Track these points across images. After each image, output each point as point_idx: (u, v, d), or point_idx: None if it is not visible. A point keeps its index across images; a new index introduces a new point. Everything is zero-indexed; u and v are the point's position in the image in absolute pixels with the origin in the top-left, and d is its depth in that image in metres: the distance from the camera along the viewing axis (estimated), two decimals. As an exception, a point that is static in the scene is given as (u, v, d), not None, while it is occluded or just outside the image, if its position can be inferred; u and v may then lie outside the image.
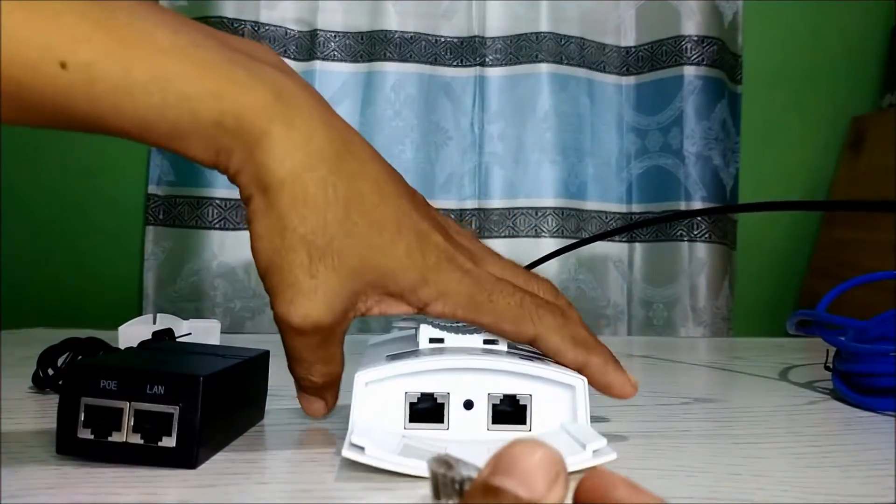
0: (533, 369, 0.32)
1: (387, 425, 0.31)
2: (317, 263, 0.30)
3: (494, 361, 0.31)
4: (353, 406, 0.31)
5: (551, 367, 0.32)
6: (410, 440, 0.31)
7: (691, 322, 1.09)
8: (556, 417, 0.32)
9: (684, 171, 1.09)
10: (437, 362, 0.31)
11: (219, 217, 1.04)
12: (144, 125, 0.27)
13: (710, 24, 1.10)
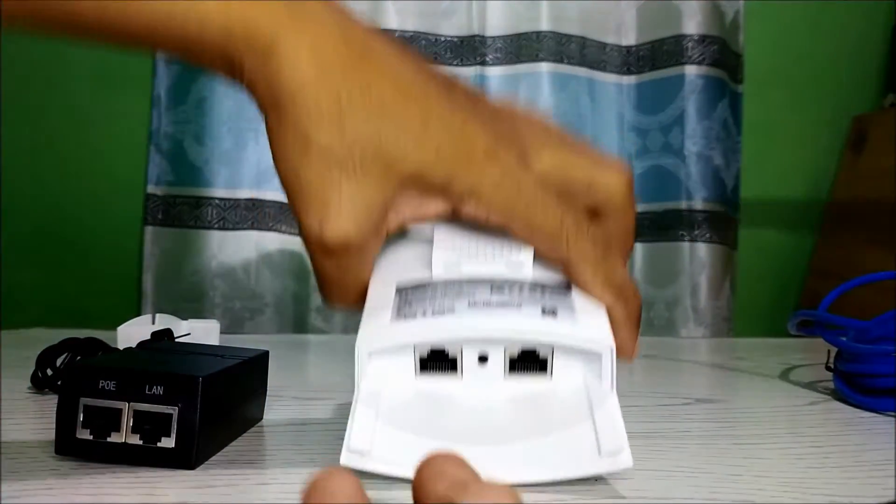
0: (556, 333, 0.28)
1: (394, 383, 0.29)
2: (338, 176, 0.28)
3: (513, 323, 0.28)
4: (358, 383, 0.28)
5: (578, 328, 0.28)
6: (419, 424, 0.28)
7: (692, 322, 1.09)
8: (579, 371, 0.29)
9: (685, 171, 1.08)
10: (449, 327, 0.28)
11: (218, 217, 1.04)
12: (151, 32, 0.26)
13: (711, 23, 1.10)
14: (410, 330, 0.28)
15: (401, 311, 0.29)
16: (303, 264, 1.06)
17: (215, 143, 1.03)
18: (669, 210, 1.10)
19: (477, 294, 0.29)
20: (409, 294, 0.30)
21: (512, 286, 0.29)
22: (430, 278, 0.30)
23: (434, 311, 0.28)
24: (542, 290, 0.30)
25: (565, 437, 0.27)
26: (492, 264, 0.30)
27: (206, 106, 1.03)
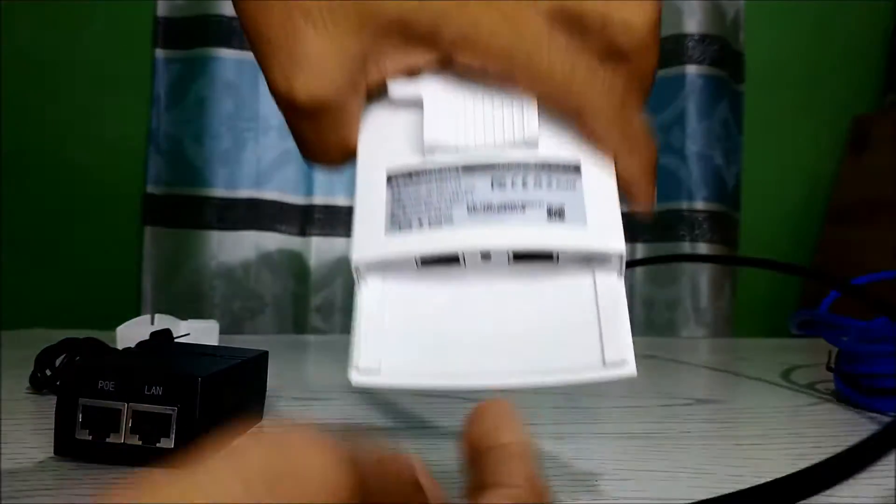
0: (564, 241, 0.26)
1: (394, 287, 0.27)
2: (304, 25, 0.24)
3: (518, 233, 0.26)
4: (358, 296, 0.27)
5: (588, 233, 0.26)
6: (426, 332, 0.26)
7: (693, 323, 1.09)
8: (588, 265, 0.27)
9: (686, 171, 1.08)
10: (449, 240, 0.26)
11: (217, 217, 1.04)
12: None
13: (711, 22, 1.10)
14: (408, 243, 0.26)
15: (395, 217, 0.27)
16: (303, 264, 1.06)
17: (214, 143, 1.02)
18: (670, 210, 1.10)
19: (476, 193, 0.26)
20: (402, 189, 0.27)
21: (515, 174, 0.27)
22: (422, 164, 0.27)
23: (431, 221, 0.26)
24: (548, 176, 0.27)
25: (569, 340, 0.26)
26: (491, 138, 0.27)
27: (206, 106, 1.03)
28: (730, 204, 1.12)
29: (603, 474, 0.30)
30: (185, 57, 1.04)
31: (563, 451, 0.33)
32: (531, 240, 0.26)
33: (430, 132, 0.27)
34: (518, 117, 0.27)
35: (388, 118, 0.28)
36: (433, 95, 0.28)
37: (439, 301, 0.27)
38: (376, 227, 0.26)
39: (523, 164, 0.27)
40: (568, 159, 0.27)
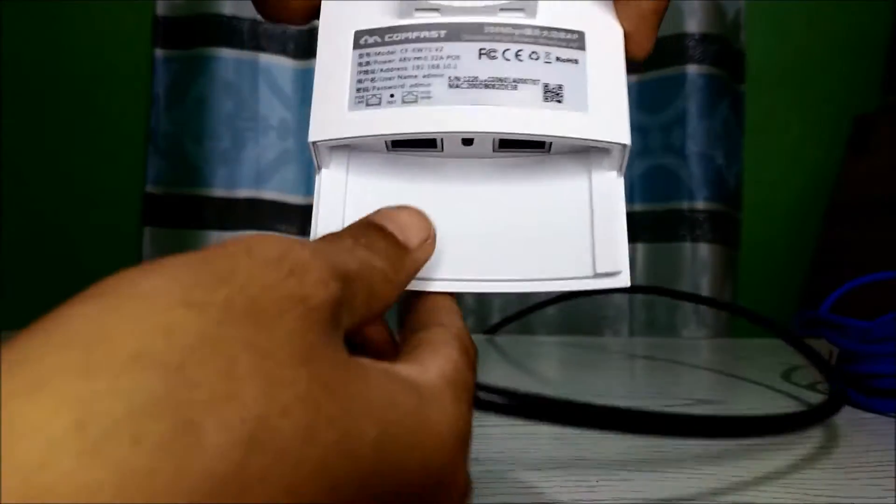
0: (560, 128, 0.22)
1: (361, 170, 0.23)
2: None
3: (506, 118, 0.22)
4: (319, 176, 0.23)
5: (588, 120, 0.22)
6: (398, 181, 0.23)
7: (694, 323, 1.08)
8: (583, 156, 0.24)
9: (687, 171, 1.08)
10: (425, 121, 0.22)
11: (217, 217, 1.03)
12: None
13: (711, 22, 1.09)
14: (375, 122, 0.22)
15: (362, 90, 0.22)
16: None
17: (214, 143, 1.02)
18: (671, 210, 1.09)
19: (461, 64, 0.22)
20: (372, 54, 0.23)
21: (509, 43, 0.23)
22: (397, 23, 0.23)
23: (405, 97, 0.22)
24: (547, 48, 0.23)
25: (559, 246, 0.23)
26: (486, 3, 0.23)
27: (205, 105, 1.02)
28: (731, 203, 1.12)
29: (603, 474, 0.30)
30: (184, 56, 1.04)
31: (563, 451, 0.33)
32: (521, 125, 0.22)
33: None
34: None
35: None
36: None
37: (411, 194, 0.24)
38: (339, 101, 0.22)
39: (518, 31, 0.23)
40: (571, 27, 0.23)
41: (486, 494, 0.27)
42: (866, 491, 0.28)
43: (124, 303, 0.13)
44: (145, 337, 0.12)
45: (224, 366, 0.13)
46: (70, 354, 0.12)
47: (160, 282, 0.13)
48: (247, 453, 0.12)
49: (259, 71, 1.03)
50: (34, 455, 0.10)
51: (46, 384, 0.11)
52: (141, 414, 0.11)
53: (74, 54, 1.08)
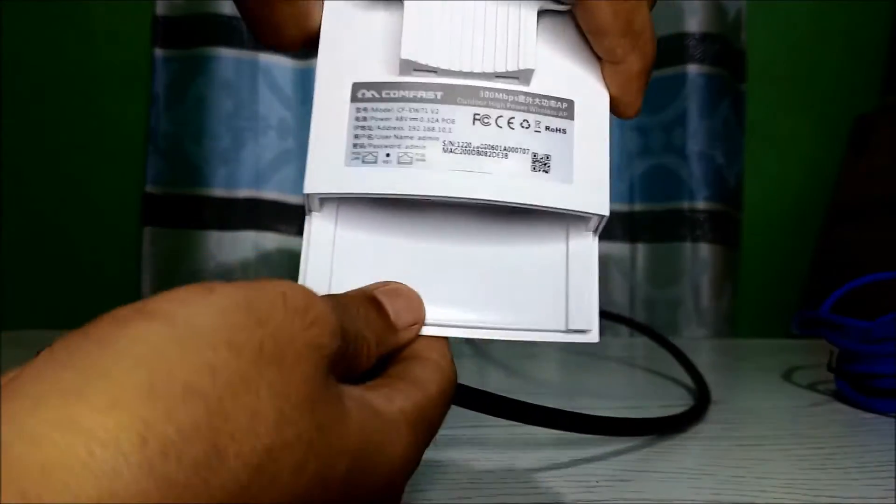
0: (546, 198, 0.23)
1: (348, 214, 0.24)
2: None
3: (496, 186, 0.23)
4: (308, 225, 0.24)
5: (572, 191, 0.23)
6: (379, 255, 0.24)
7: (694, 323, 1.08)
8: (563, 219, 0.25)
9: (687, 171, 1.08)
10: (418, 184, 0.23)
11: (216, 217, 1.03)
12: None
13: (712, 21, 1.09)
14: (370, 181, 0.23)
15: (359, 145, 0.23)
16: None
17: (214, 143, 1.02)
18: (671, 210, 1.09)
19: (456, 128, 0.23)
20: (369, 109, 0.23)
21: (502, 110, 0.24)
22: (396, 81, 0.24)
23: (400, 158, 0.23)
24: (538, 116, 0.24)
25: (535, 299, 0.24)
26: (479, 63, 0.24)
27: (205, 105, 1.02)
28: (731, 203, 1.12)
29: (603, 475, 0.30)
30: (184, 56, 1.04)
31: (563, 451, 0.33)
32: (510, 194, 0.23)
33: (409, 47, 0.23)
34: (514, 40, 0.24)
35: (359, 15, 0.24)
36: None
37: (397, 243, 0.25)
38: (336, 155, 0.23)
39: (512, 98, 0.24)
40: (562, 96, 0.24)
41: (486, 494, 0.27)
42: (867, 491, 0.28)
43: (181, 334, 0.15)
44: (195, 372, 0.15)
45: (250, 403, 0.15)
46: (138, 377, 0.14)
47: (209, 320, 0.16)
48: (251, 477, 0.15)
49: (259, 71, 1.03)
50: (109, 464, 0.13)
51: (120, 403, 0.13)
52: (186, 437, 0.14)
53: (74, 54, 1.08)
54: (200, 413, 0.14)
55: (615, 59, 0.25)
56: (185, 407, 0.14)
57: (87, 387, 0.13)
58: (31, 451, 0.12)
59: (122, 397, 0.13)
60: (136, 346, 0.15)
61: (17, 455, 0.12)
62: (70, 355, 0.14)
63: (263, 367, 0.16)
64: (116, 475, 0.13)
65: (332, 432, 0.17)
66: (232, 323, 0.16)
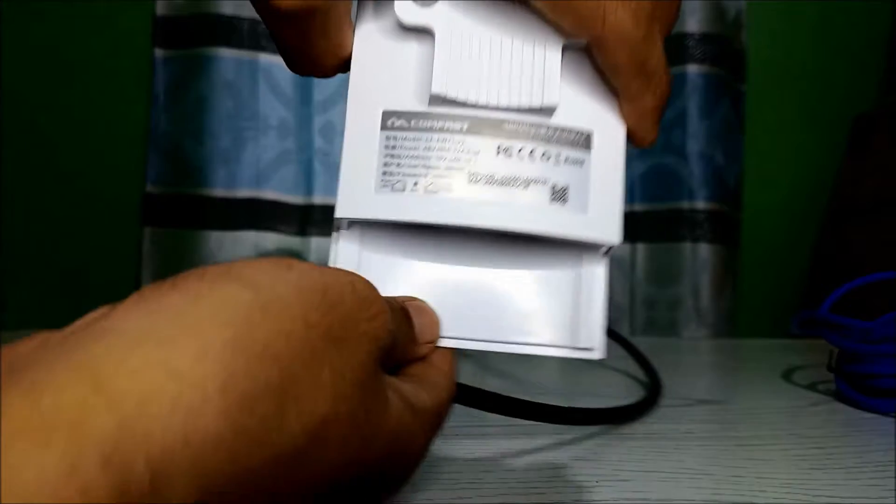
0: (562, 227, 0.25)
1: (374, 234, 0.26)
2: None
3: (516, 216, 0.25)
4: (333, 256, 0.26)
5: (587, 221, 0.25)
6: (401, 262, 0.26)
7: (694, 323, 1.08)
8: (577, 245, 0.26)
9: (687, 171, 1.08)
10: (444, 212, 0.24)
11: (216, 217, 1.03)
12: None
13: (712, 21, 1.09)
14: (399, 208, 0.24)
15: (388, 173, 0.25)
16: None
17: (214, 143, 1.02)
18: (671, 210, 1.09)
19: (480, 159, 0.25)
20: (398, 138, 0.25)
21: (524, 143, 0.25)
22: (424, 112, 0.25)
23: (427, 187, 0.24)
24: (558, 148, 0.25)
25: (545, 317, 0.26)
26: (505, 98, 0.25)
27: (205, 105, 1.02)
28: (731, 203, 1.12)
29: (603, 475, 0.30)
30: (184, 56, 1.04)
31: (563, 451, 0.33)
32: (529, 223, 0.25)
33: (440, 82, 0.24)
34: (539, 76, 0.25)
35: (389, 45, 0.25)
36: (447, 33, 0.25)
37: (419, 262, 0.26)
38: (366, 181, 0.25)
39: (534, 132, 0.25)
40: (581, 128, 0.26)
41: (486, 494, 0.27)
42: (867, 491, 0.28)
43: (264, 302, 0.17)
44: (275, 338, 0.16)
45: (315, 374, 0.17)
46: (225, 333, 0.16)
47: (290, 295, 0.18)
48: (307, 442, 0.17)
49: (259, 71, 1.03)
50: (195, 404, 0.14)
51: (209, 354, 0.15)
52: (260, 393, 0.16)
53: (75, 54, 1.08)
54: (274, 374, 0.16)
55: (630, 96, 0.26)
56: (262, 366, 0.16)
57: (181, 336, 0.15)
58: (131, 384, 0.14)
59: (210, 349, 0.15)
60: (224, 305, 0.16)
61: (118, 386, 0.14)
62: (161, 305, 0.16)
63: (329, 346, 0.18)
64: (200, 415, 0.14)
65: (376, 415, 0.19)
66: (309, 301, 0.18)
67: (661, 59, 0.26)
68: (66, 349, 0.15)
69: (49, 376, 0.14)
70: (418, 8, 0.25)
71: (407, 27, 0.25)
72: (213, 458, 0.15)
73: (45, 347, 0.15)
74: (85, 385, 0.14)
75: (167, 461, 0.14)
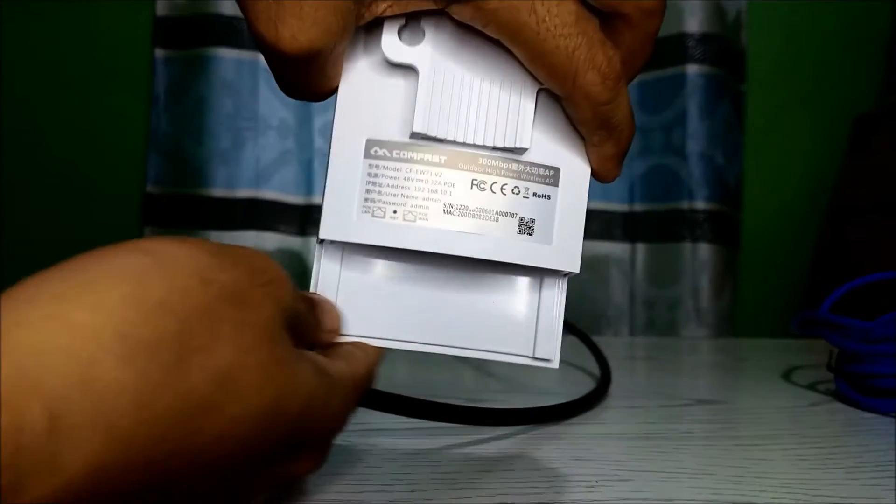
0: (527, 257, 0.27)
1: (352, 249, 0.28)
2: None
3: (486, 247, 0.27)
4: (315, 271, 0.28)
5: (550, 252, 0.28)
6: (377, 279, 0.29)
7: (694, 323, 1.08)
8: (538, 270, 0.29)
9: (687, 171, 1.08)
10: (419, 239, 0.27)
11: (216, 217, 1.03)
12: None
13: (712, 21, 1.09)
14: (378, 233, 0.27)
15: (369, 200, 0.27)
16: (303, 265, 1.06)
17: (214, 143, 1.02)
18: (671, 210, 1.09)
19: (455, 192, 0.27)
20: (380, 167, 0.27)
21: (496, 178, 0.27)
22: (406, 145, 0.27)
23: (405, 215, 0.27)
24: (527, 184, 0.28)
25: (507, 330, 0.29)
26: (481, 136, 0.27)
27: (205, 105, 1.02)
28: (731, 204, 1.12)
29: (603, 475, 0.30)
30: (184, 56, 1.04)
31: (563, 451, 0.33)
32: (498, 252, 0.27)
33: (421, 120, 0.26)
34: (513, 120, 0.27)
35: (376, 78, 0.27)
36: (430, 72, 0.27)
37: (393, 274, 0.29)
38: (348, 206, 0.27)
39: (506, 167, 0.27)
40: (549, 164, 0.28)
41: (486, 494, 0.27)
42: (866, 491, 0.28)
43: (160, 262, 0.18)
44: (169, 293, 0.17)
45: (213, 327, 0.18)
46: (120, 289, 0.17)
47: (185, 258, 0.19)
48: (214, 389, 0.18)
49: (259, 71, 1.03)
50: (88, 352, 0.15)
51: (103, 306, 0.16)
52: (158, 342, 0.17)
53: (74, 54, 1.08)
54: (171, 325, 0.17)
55: (593, 144, 0.28)
56: (159, 317, 0.17)
57: (75, 292, 0.17)
58: (28, 336, 0.15)
59: (104, 302, 0.16)
60: (120, 267, 0.18)
61: (16, 338, 0.15)
62: (62, 271, 0.18)
63: (226, 304, 0.19)
64: (95, 362, 0.15)
65: (289, 367, 0.20)
66: (203, 262, 0.19)
67: (626, 112, 0.27)
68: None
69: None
70: (404, 47, 0.27)
71: (393, 64, 0.27)
72: (116, 404, 0.16)
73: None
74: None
75: (65, 405, 0.15)
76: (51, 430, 0.14)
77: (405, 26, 0.27)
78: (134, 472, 0.16)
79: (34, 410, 0.14)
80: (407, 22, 0.27)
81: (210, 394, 0.17)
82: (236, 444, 0.18)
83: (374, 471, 0.29)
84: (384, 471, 0.29)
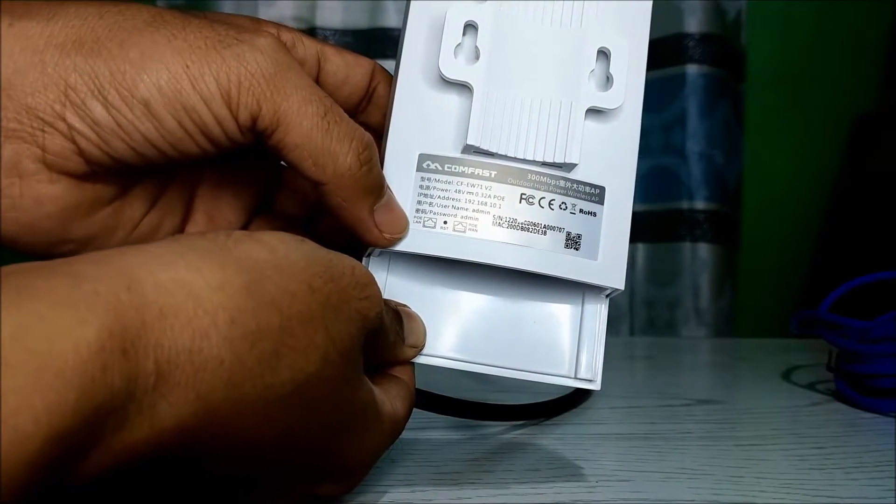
0: (573, 272, 0.28)
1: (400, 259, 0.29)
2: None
3: (533, 260, 0.27)
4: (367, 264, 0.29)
5: (596, 267, 0.28)
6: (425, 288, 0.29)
7: (694, 323, 1.08)
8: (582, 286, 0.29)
9: (686, 171, 1.08)
10: (469, 250, 0.27)
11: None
12: None
13: (712, 21, 1.09)
14: (430, 243, 0.27)
15: (421, 210, 0.27)
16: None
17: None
18: (671, 210, 1.09)
19: (504, 205, 0.27)
20: (432, 179, 0.27)
21: (545, 194, 0.28)
22: (457, 159, 0.28)
23: (456, 226, 0.27)
24: (574, 200, 0.28)
25: (551, 345, 0.29)
26: (531, 152, 0.27)
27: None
28: (730, 204, 1.12)
29: (603, 475, 0.30)
30: (184, 56, 1.04)
31: (564, 451, 0.33)
32: (545, 266, 0.28)
33: (475, 135, 0.27)
34: (563, 136, 0.28)
35: (431, 93, 0.28)
36: (484, 90, 0.27)
37: (440, 290, 0.29)
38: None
39: (554, 184, 0.28)
40: (596, 183, 0.29)
41: (486, 494, 0.27)
42: (866, 491, 0.28)
43: (278, 261, 0.20)
44: (280, 292, 0.19)
45: (310, 333, 0.20)
46: (242, 278, 0.19)
47: (300, 261, 0.21)
48: (294, 391, 0.19)
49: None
50: (204, 326, 0.17)
51: (226, 288, 0.18)
52: (261, 334, 0.18)
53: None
54: (275, 321, 0.19)
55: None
56: (267, 312, 0.19)
57: (205, 268, 0.18)
58: (157, 295, 0.17)
59: (228, 285, 0.18)
60: (246, 257, 0.19)
61: (146, 293, 0.16)
62: (192, 243, 0.19)
63: (327, 312, 0.20)
64: (206, 336, 0.17)
65: (351, 390, 0.22)
66: (315, 271, 0.21)
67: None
68: (106, 255, 0.17)
69: (89, 268, 0.16)
70: (461, 65, 0.27)
71: (448, 81, 0.27)
72: (212, 377, 0.17)
73: (85, 254, 0.17)
74: (120, 283, 0.16)
75: (172, 368, 0.16)
76: (156, 385, 0.16)
77: (460, 45, 0.27)
78: (208, 440, 0.18)
79: (148, 366, 0.16)
80: (463, 42, 0.28)
81: (288, 395, 0.19)
82: (282, 443, 0.20)
83: (374, 471, 0.29)
84: (384, 471, 0.29)
